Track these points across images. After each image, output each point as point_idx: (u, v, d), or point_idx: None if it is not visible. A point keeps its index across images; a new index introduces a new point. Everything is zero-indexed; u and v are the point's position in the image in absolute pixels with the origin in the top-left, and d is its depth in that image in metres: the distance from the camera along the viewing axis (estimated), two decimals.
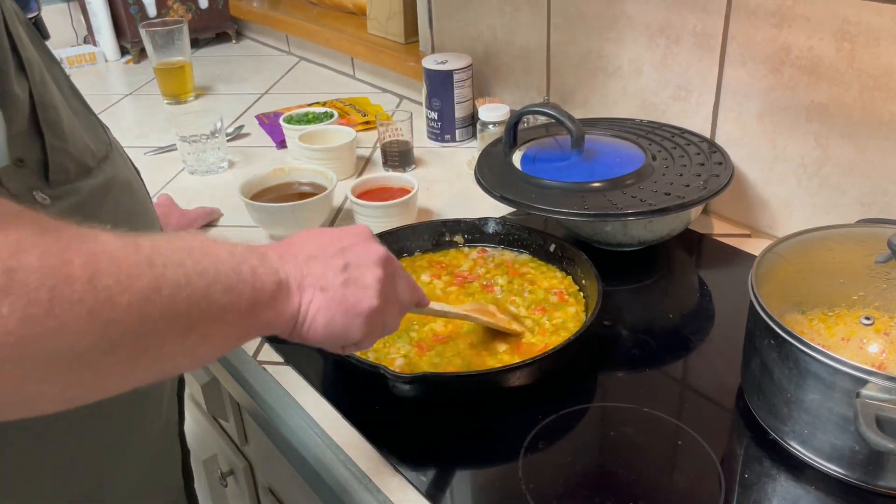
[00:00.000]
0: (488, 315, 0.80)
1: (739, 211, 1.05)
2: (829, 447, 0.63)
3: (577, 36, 1.17)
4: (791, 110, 0.93)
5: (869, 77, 0.84)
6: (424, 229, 0.97)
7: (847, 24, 0.84)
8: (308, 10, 1.91)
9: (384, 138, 1.26)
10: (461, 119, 1.35)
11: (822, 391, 0.61)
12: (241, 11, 2.04)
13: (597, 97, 1.19)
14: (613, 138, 1.05)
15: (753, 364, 0.69)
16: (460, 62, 1.31)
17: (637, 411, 0.73)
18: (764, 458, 0.67)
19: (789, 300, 0.73)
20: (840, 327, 0.72)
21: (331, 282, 0.56)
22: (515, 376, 0.73)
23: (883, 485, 0.62)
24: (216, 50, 2.05)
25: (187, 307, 0.44)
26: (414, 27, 1.55)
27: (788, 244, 0.73)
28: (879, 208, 0.89)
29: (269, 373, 0.82)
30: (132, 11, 1.88)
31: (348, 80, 1.77)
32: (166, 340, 0.44)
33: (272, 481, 1.00)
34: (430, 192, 1.20)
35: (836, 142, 0.90)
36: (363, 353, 0.79)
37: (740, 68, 0.97)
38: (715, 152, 0.98)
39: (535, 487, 0.65)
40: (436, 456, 0.70)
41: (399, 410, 0.74)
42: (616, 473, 0.67)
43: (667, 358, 0.81)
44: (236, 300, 0.48)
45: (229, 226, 1.12)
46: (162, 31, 1.61)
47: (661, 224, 0.94)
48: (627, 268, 0.97)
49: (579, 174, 0.96)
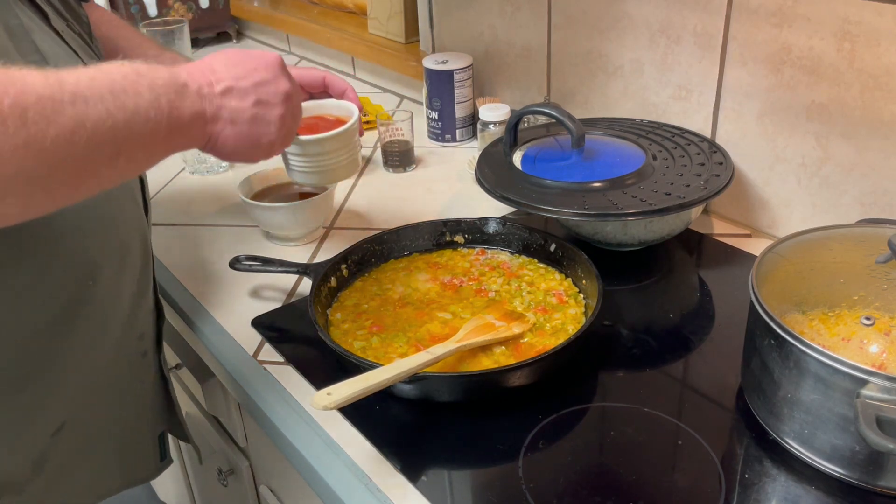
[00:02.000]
0: (487, 331, 0.79)
1: (740, 211, 1.05)
2: (830, 447, 0.63)
3: (578, 36, 1.17)
4: (791, 110, 0.93)
5: (869, 77, 0.84)
6: (425, 229, 0.97)
7: (847, 23, 0.84)
8: (308, 10, 1.91)
9: (385, 138, 1.26)
10: (462, 119, 1.35)
11: (823, 391, 0.61)
12: (241, 11, 2.04)
13: (597, 97, 1.19)
14: (614, 138, 1.05)
15: (754, 364, 0.69)
16: (461, 62, 1.31)
17: (637, 411, 0.73)
18: (764, 458, 0.67)
19: (790, 300, 0.73)
20: (840, 327, 0.72)
21: (241, 117, 0.66)
22: (516, 376, 0.73)
23: (883, 485, 0.62)
24: (217, 49, 2.05)
25: (111, 137, 0.53)
26: (414, 27, 1.55)
27: (789, 244, 0.73)
28: (880, 208, 0.89)
29: (270, 372, 0.82)
30: (133, 11, 1.88)
31: (349, 79, 1.77)
32: (98, 163, 0.53)
33: (272, 481, 1.00)
34: (431, 191, 1.20)
35: (837, 142, 0.90)
36: (363, 352, 0.80)
37: (741, 68, 0.97)
38: (715, 152, 0.98)
39: (535, 487, 0.65)
40: (436, 455, 0.70)
41: (399, 410, 0.75)
42: (616, 473, 0.67)
43: (667, 358, 0.81)
44: (155, 129, 0.57)
45: (230, 225, 1.12)
46: (163, 31, 1.60)
47: (662, 224, 0.94)
48: (628, 268, 0.97)
49: (580, 174, 0.96)
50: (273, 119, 0.69)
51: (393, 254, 0.96)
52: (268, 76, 0.69)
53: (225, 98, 0.65)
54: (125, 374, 0.80)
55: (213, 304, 0.94)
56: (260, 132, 0.68)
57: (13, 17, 0.62)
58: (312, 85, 0.90)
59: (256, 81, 0.67)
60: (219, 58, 0.67)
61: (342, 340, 0.81)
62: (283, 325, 0.89)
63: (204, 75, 0.64)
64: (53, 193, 0.52)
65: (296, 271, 0.92)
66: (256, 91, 0.67)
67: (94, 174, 0.54)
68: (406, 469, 0.68)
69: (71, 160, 0.51)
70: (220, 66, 0.66)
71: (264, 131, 0.68)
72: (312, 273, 0.88)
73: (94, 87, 0.52)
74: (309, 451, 0.72)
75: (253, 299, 0.94)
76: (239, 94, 0.66)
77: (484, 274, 0.92)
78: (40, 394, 0.70)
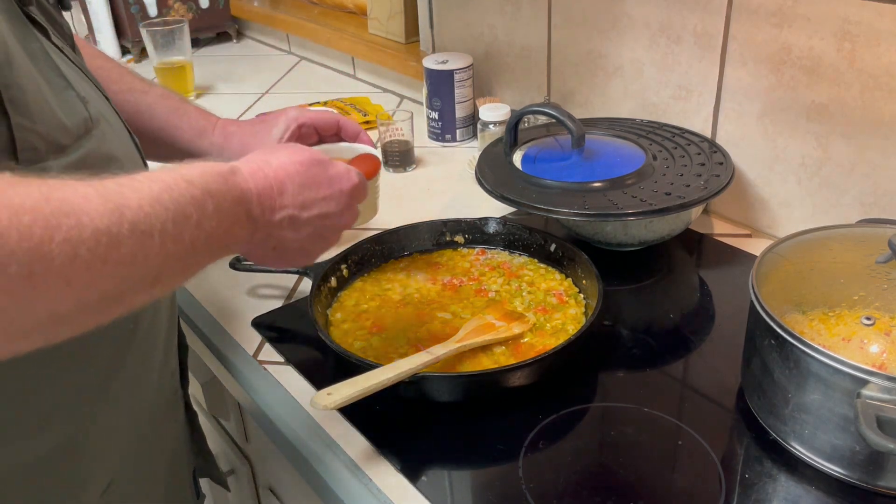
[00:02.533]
0: (487, 331, 0.79)
1: (740, 211, 1.05)
2: (830, 447, 0.63)
3: (578, 36, 1.17)
4: (792, 110, 0.93)
5: (869, 77, 0.84)
6: (425, 229, 0.97)
7: (848, 24, 0.84)
8: (309, 10, 1.91)
9: (385, 138, 1.26)
10: (462, 119, 1.35)
11: (823, 391, 0.61)
12: (241, 11, 2.04)
13: (597, 97, 1.19)
14: (614, 138, 1.05)
15: (754, 364, 0.69)
16: (461, 62, 1.31)
17: (637, 411, 0.73)
18: (764, 458, 0.67)
19: (790, 300, 0.73)
20: (841, 327, 0.72)
21: (287, 247, 0.62)
22: (516, 376, 0.73)
23: (883, 485, 0.62)
24: (217, 49, 2.05)
25: (157, 271, 0.47)
26: (415, 27, 1.55)
27: (789, 244, 0.73)
28: (880, 208, 0.89)
29: (270, 372, 0.82)
30: (133, 11, 1.88)
31: (349, 79, 1.77)
32: (137, 294, 0.48)
33: (273, 481, 1.00)
34: (431, 191, 1.20)
35: (837, 142, 0.90)
36: (363, 353, 0.80)
37: (741, 68, 0.97)
38: (715, 152, 0.98)
39: (535, 487, 0.65)
40: (436, 455, 0.70)
41: (399, 410, 0.75)
42: (616, 473, 0.67)
43: (667, 358, 0.81)
44: (205, 260, 0.53)
45: None
46: (163, 31, 1.61)
47: (662, 224, 0.94)
48: (628, 268, 0.97)
49: (580, 174, 0.96)
50: (319, 250, 0.64)
51: (393, 254, 0.96)
52: (335, 209, 0.63)
53: (280, 228, 0.59)
54: (162, 415, 0.74)
55: (213, 304, 0.94)
56: (297, 259, 0.64)
57: (33, 39, 0.56)
58: (326, 129, 0.88)
59: (321, 213, 0.62)
60: (294, 170, 0.61)
61: (342, 340, 0.81)
62: (284, 326, 0.89)
63: (270, 196, 0.58)
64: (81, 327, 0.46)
65: (296, 271, 0.92)
66: (315, 223, 0.62)
67: (129, 304, 0.48)
68: (406, 469, 0.68)
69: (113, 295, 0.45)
70: (292, 185, 0.60)
71: (302, 259, 0.64)
72: (312, 273, 0.88)
73: (157, 215, 0.46)
74: (309, 452, 0.72)
75: (253, 299, 0.94)
76: (296, 226, 0.60)
77: (484, 274, 0.92)
78: (88, 458, 0.64)
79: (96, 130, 0.59)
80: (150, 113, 0.86)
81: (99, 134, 0.60)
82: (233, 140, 0.89)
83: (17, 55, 0.52)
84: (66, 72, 0.58)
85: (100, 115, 0.61)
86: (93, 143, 0.59)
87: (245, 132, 0.90)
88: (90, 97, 0.60)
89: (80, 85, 0.60)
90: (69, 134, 0.56)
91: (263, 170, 0.60)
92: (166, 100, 0.88)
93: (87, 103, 0.59)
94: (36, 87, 0.53)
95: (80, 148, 0.57)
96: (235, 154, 0.84)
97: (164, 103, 0.88)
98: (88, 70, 0.66)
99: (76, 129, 0.57)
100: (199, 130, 0.88)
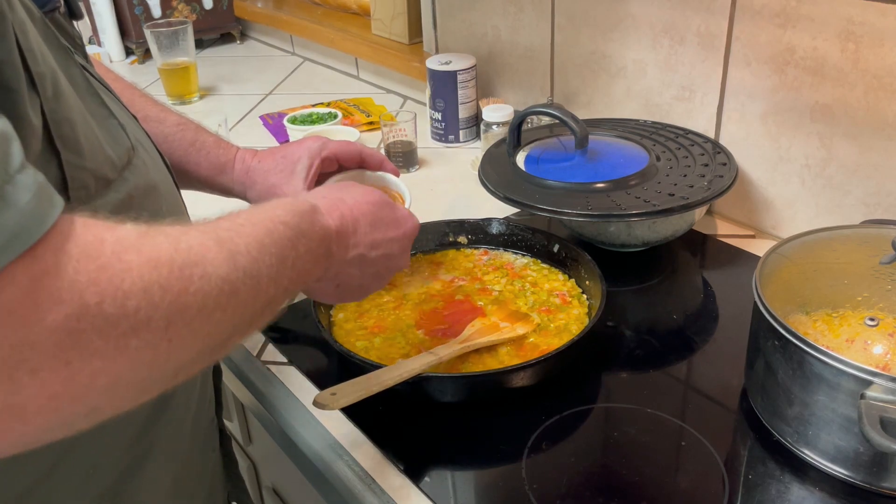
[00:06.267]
0: (492, 332, 0.80)
1: (743, 212, 1.04)
2: (833, 448, 0.63)
3: (581, 36, 1.17)
4: (795, 111, 0.93)
5: (873, 77, 0.84)
6: (428, 229, 0.97)
7: (851, 24, 0.84)
8: (312, 11, 1.91)
9: (388, 139, 1.27)
10: (465, 119, 1.35)
11: (827, 392, 0.61)
12: (245, 12, 2.04)
13: (600, 98, 1.19)
14: (617, 139, 1.05)
15: (757, 365, 0.69)
16: (464, 63, 1.31)
17: (640, 412, 0.73)
18: (768, 460, 0.67)
19: (793, 301, 0.73)
20: (844, 328, 0.72)
21: (348, 283, 0.62)
22: (519, 377, 0.73)
23: (887, 486, 0.62)
24: (220, 50, 2.05)
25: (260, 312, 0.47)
26: (418, 28, 1.55)
27: (792, 245, 0.73)
28: (884, 209, 0.88)
29: (273, 373, 0.82)
30: (137, 12, 1.89)
31: (352, 80, 1.77)
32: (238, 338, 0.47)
33: (276, 481, 1.00)
34: (434, 192, 1.20)
35: (841, 142, 0.90)
36: (365, 353, 0.80)
37: (744, 69, 0.97)
38: (719, 153, 0.98)
39: (538, 488, 0.65)
40: (439, 456, 0.70)
41: (402, 410, 0.75)
42: (619, 474, 0.67)
43: (670, 359, 0.81)
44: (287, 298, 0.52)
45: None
46: (166, 32, 1.61)
47: (665, 225, 0.94)
48: (631, 268, 0.97)
49: (583, 175, 0.96)
50: (374, 288, 0.65)
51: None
52: (398, 251, 0.65)
53: (349, 266, 0.61)
54: (200, 448, 0.71)
55: None
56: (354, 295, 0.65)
57: (72, 63, 0.53)
58: (349, 160, 0.87)
59: (386, 253, 0.63)
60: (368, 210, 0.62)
61: (345, 341, 0.82)
62: (286, 326, 0.89)
63: (346, 234, 0.59)
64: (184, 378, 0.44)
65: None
66: (378, 264, 0.63)
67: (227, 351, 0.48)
68: (409, 470, 0.68)
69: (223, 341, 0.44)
70: (365, 223, 0.61)
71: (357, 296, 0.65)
72: None
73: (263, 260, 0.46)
74: (312, 452, 0.72)
75: None
76: (363, 265, 0.62)
77: (487, 274, 0.92)
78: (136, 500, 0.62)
79: (136, 159, 0.57)
80: (166, 146, 0.83)
81: (139, 163, 0.57)
82: (255, 176, 0.87)
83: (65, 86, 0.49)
84: (104, 97, 0.56)
85: (137, 142, 0.58)
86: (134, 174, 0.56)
87: (267, 168, 0.87)
88: (126, 122, 0.58)
89: (117, 109, 0.58)
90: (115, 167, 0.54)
91: (339, 208, 0.60)
92: (183, 131, 0.85)
93: (126, 129, 0.57)
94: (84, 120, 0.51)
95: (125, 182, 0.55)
96: (260, 191, 0.84)
97: (181, 136, 0.85)
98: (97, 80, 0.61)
99: (120, 160, 0.54)
100: (220, 167, 0.86)
